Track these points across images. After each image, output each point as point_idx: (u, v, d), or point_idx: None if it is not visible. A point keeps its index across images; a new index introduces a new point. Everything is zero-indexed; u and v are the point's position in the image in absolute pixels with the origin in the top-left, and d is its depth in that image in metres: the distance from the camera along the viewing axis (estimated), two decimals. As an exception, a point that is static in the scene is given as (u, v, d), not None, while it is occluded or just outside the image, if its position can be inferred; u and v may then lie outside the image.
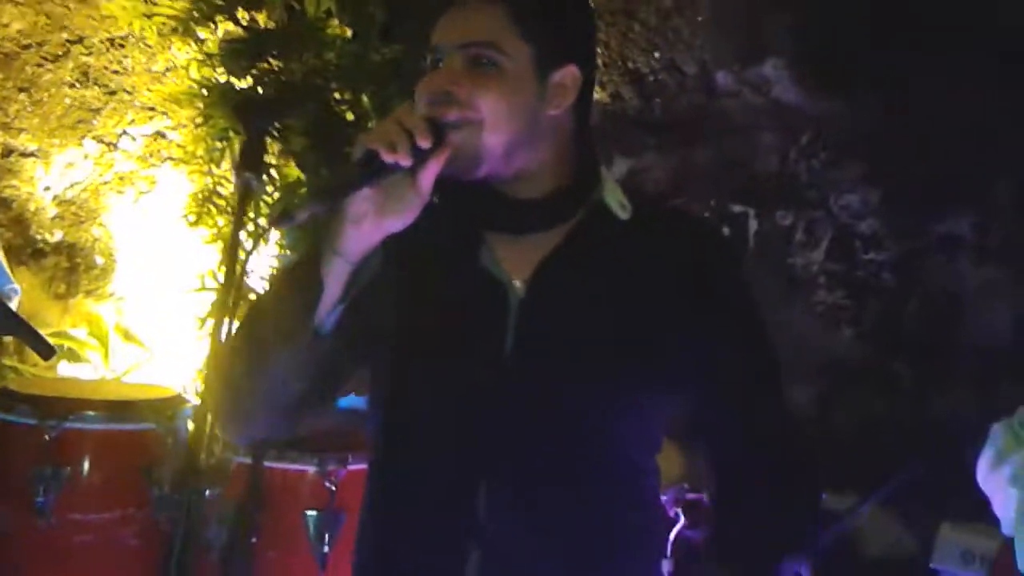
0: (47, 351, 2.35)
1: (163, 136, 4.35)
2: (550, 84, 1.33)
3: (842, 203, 3.82)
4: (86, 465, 2.30)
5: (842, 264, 3.83)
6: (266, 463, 2.12)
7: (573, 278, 1.35)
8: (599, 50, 4.11)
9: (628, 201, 1.40)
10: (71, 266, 4.49)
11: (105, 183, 4.46)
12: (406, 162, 1.21)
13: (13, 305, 3.07)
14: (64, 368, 4.23)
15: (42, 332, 4.29)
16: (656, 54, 4.04)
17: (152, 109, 4.36)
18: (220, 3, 3.36)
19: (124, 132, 4.43)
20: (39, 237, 4.48)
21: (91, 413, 2.33)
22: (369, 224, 1.23)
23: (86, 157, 4.44)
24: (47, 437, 2.26)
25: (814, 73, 3.81)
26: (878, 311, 3.79)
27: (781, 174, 3.88)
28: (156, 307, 4.33)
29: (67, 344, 4.30)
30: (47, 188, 4.47)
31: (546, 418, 1.32)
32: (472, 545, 1.31)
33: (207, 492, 2.27)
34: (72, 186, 4.46)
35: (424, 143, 1.22)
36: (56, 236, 4.47)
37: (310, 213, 1.19)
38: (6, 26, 4.42)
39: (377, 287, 1.30)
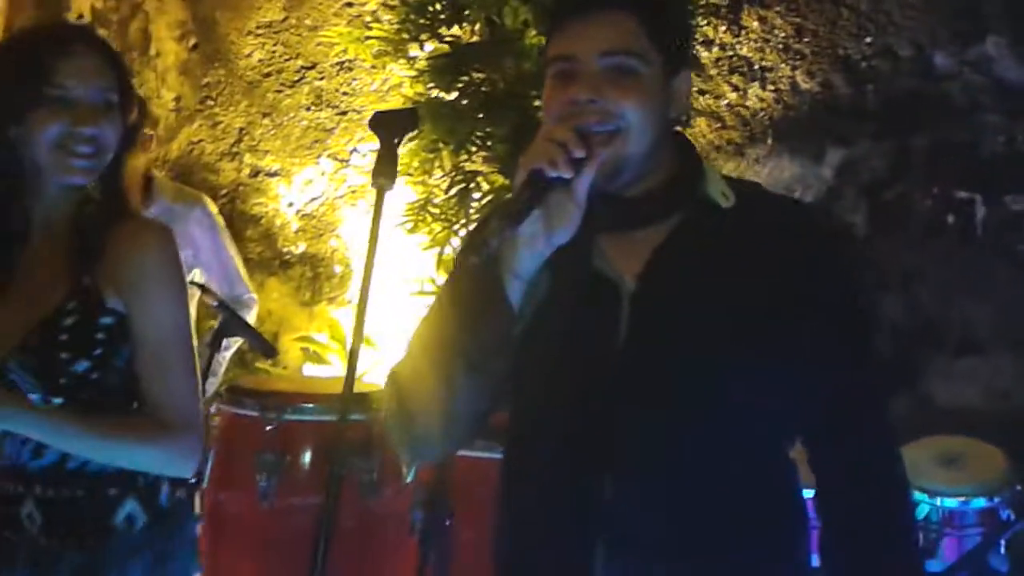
0: (269, 351, 2.60)
1: (390, 151, 4.62)
2: (674, 90, 1.39)
3: (1075, 184, 3.58)
4: (304, 454, 2.53)
5: (1079, 249, 3.59)
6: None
7: (682, 270, 1.38)
8: (805, 39, 4.05)
9: (731, 190, 1.42)
10: (314, 275, 4.86)
11: (339, 197, 4.80)
12: (568, 174, 1.26)
13: (252, 312, 3.38)
14: (308, 369, 4.59)
15: (289, 337, 4.70)
16: (868, 39, 3.91)
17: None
18: (425, 23, 3.56)
19: (355, 149, 4.76)
20: (285, 250, 4.88)
21: (308, 406, 2.55)
22: (542, 242, 1.30)
23: (322, 174, 4.80)
24: (268, 428, 2.49)
25: (1038, 47, 3.59)
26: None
27: (1008, 156, 3.67)
28: (387, 311, 4.61)
29: (312, 348, 4.66)
30: (290, 204, 4.87)
31: (662, 407, 1.35)
32: (599, 536, 1.35)
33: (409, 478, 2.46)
34: (311, 201, 4.84)
35: (579, 153, 1.27)
36: (299, 248, 4.86)
37: (500, 239, 1.26)
38: (248, 56, 4.86)
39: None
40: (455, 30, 3.66)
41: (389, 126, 1.45)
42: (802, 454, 1.45)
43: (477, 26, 3.58)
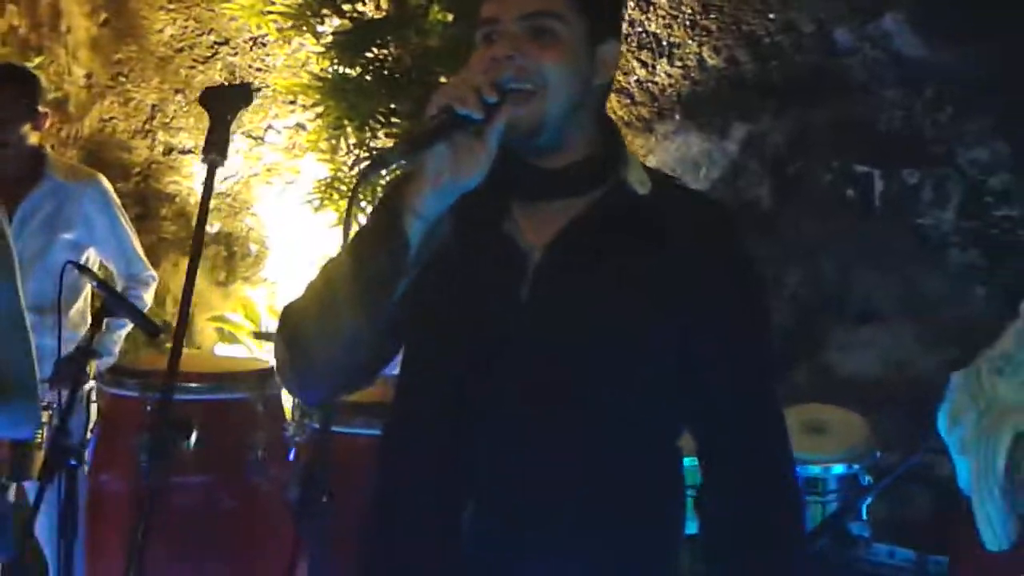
0: (153, 330, 2.58)
1: (303, 128, 4.59)
2: (598, 58, 1.40)
3: (971, 158, 3.63)
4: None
5: (974, 222, 3.65)
6: (333, 429, 2.25)
7: (590, 248, 1.39)
8: (713, 15, 4.07)
9: (650, 179, 1.44)
10: (229, 254, 4.82)
11: (255, 175, 4.76)
12: (478, 114, 1.26)
13: (151, 289, 3.34)
14: (220, 349, 4.56)
15: (203, 316, 4.66)
16: (771, 15, 3.94)
17: (293, 103, 4.62)
18: (329, -3, 3.54)
19: (270, 126, 4.71)
20: (199, 228, 4.83)
21: (192, 385, 2.54)
22: (446, 182, 1.29)
23: (237, 152, 4.75)
24: (147, 408, 2.48)
25: (935, 24, 3.63)
26: (1015, 269, 3.59)
27: (906, 131, 3.73)
28: (298, 289, 4.58)
29: (226, 327, 4.63)
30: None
31: (547, 380, 1.37)
32: (470, 497, 1.36)
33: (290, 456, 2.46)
34: (225, 179, 4.78)
35: (490, 96, 1.27)
36: (214, 227, 4.80)
37: (396, 163, 1.26)
38: (160, 32, 4.79)
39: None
40: (360, 6, 3.64)
41: (221, 101, 1.44)
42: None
43: (383, 2, 3.56)
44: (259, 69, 4.71)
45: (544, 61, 1.34)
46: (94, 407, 2.83)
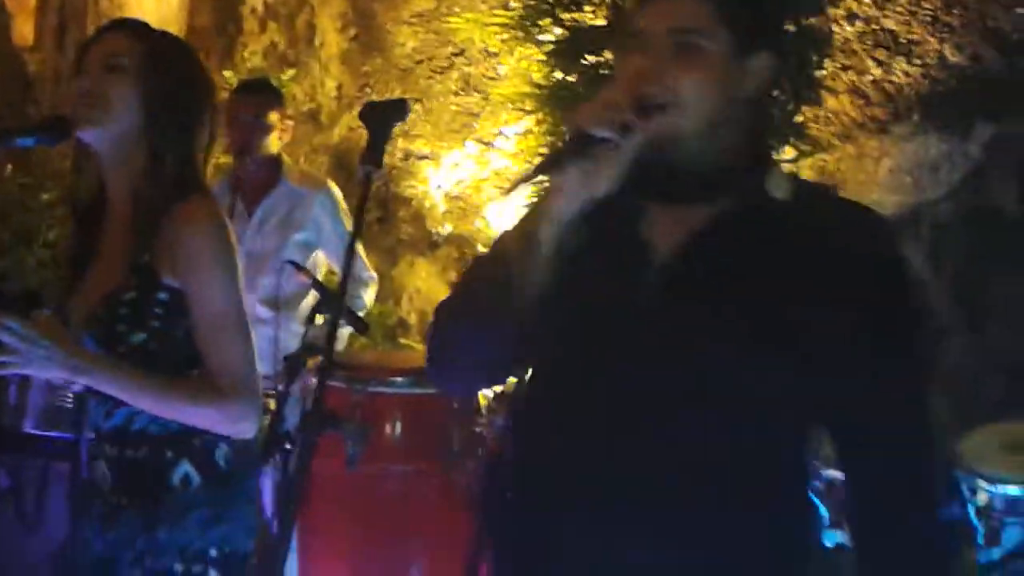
0: (362, 327, 2.75)
1: (531, 134, 4.71)
2: (746, 72, 1.41)
3: None
4: (389, 424, 2.67)
5: None
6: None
7: (722, 252, 1.39)
8: (954, 11, 3.85)
9: (793, 186, 1.42)
10: (460, 255, 5.03)
11: (484, 179, 4.94)
12: (613, 136, 1.30)
13: (371, 290, 3.55)
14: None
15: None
16: (1019, 10, 3.69)
17: (522, 109, 4.76)
18: (547, 7, 3.62)
19: (499, 132, 4.88)
20: (433, 230, 5.07)
21: (393, 379, 2.70)
22: (578, 194, 1.33)
23: (468, 157, 4.95)
24: (354, 399, 2.65)
25: None
26: None
27: None
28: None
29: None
30: (438, 186, 5.05)
31: (676, 384, 1.37)
32: (586, 499, 1.38)
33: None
34: (458, 183, 5.00)
35: (628, 117, 1.31)
36: (446, 229, 5.03)
37: (536, 178, 1.33)
38: (403, 44, 5.05)
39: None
40: (578, 14, 3.71)
41: (378, 116, 1.53)
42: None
43: (598, 9, 3.61)
44: (491, 78, 4.89)
45: (686, 78, 1.35)
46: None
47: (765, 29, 1.45)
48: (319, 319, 2.98)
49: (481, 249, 4.98)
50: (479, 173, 4.95)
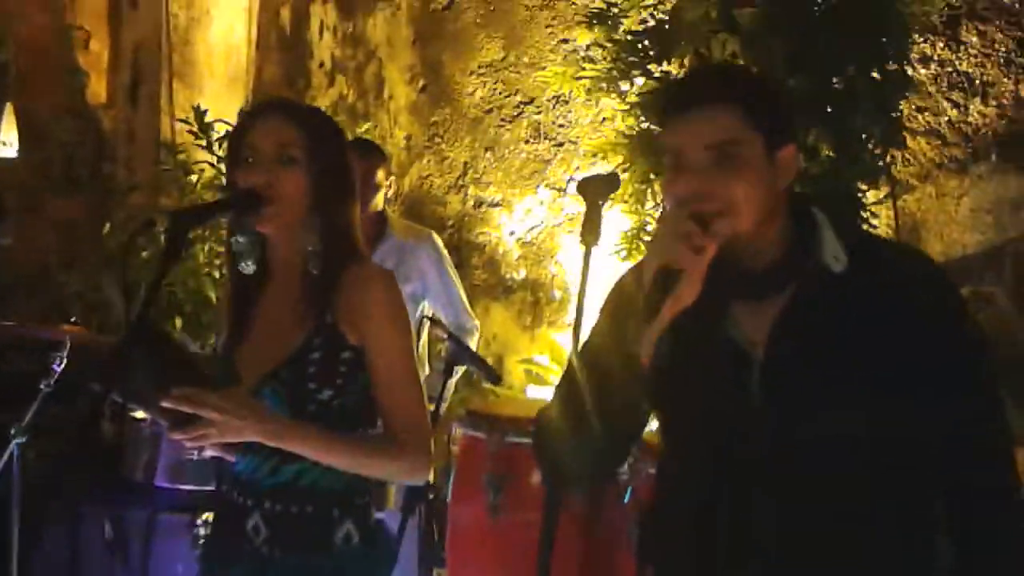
0: (494, 377, 2.84)
1: (604, 179, 4.81)
2: (778, 164, 1.52)
3: None
4: (526, 473, 2.74)
5: None
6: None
7: (803, 337, 1.50)
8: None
9: (844, 251, 1.53)
10: (534, 300, 5.11)
11: (558, 225, 5.03)
12: (696, 262, 1.44)
13: (475, 339, 3.64)
14: (531, 390, 4.83)
15: (513, 359, 4.95)
16: (1094, 48, 3.79)
17: (594, 156, 4.86)
18: (635, 59, 3.73)
19: (571, 178, 4.97)
20: (507, 276, 5.16)
21: (531, 429, 2.76)
22: (665, 315, 1.46)
23: (541, 203, 5.05)
24: (493, 449, 2.72)
25: None
26: None
27: None
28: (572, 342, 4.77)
29: (534, 370, 4.90)
30: (511, 232, 5.14)
31: (799, 473, 1.49)
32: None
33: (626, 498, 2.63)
34: (531, 229, 5.09)
35: (701, 241, 1.44)
36: (520, 274, 5.12)
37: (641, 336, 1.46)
38: (471, 94, 5.17)
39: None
40: (665, 65, 3.81)
41: (594, 189, 1.61)
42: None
43: (686, 59, 3.71)
44: (561, 125, 4.99)
45: (733, 187, 1.47)
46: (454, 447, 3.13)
47: (788, 124, 1.56)
48: (459, 370, 3.07)
49: (556, 293, 5.07)
50: (552, 219, 5.04)
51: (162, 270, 1.80)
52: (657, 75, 3.82)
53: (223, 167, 4.79)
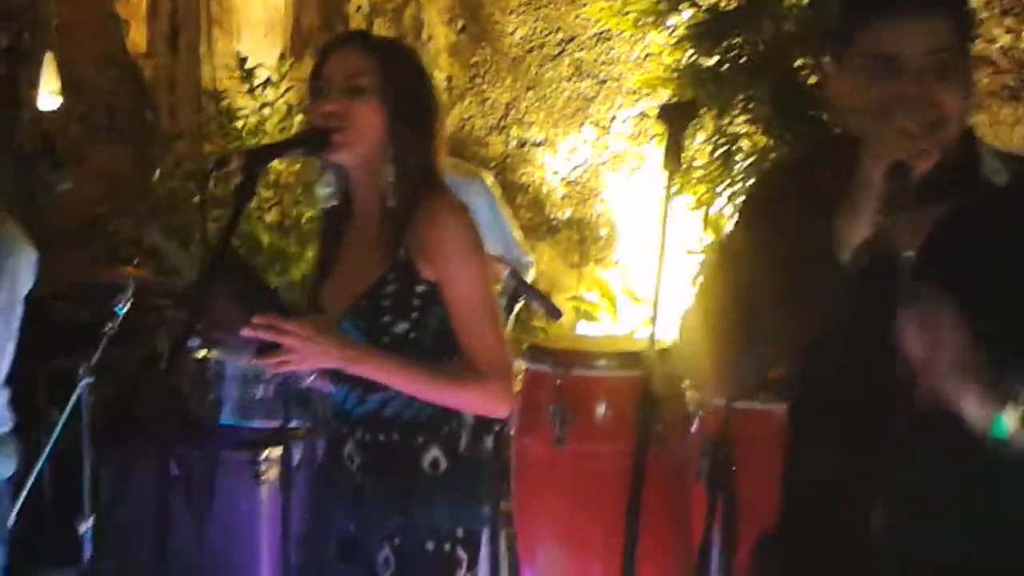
0: (556, 313, 2.86)
1: (648, 116, 4.78)
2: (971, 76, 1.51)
3: None
4: (591, 405, 2.78)
5: None
6: (737, 404, 2.43)
7: (960, 244, 1.47)
8: None
9: (1004, 167, 1.51)
10: (580, 239, 5.12)
11: (603, 163, 5.02)
12: (920, 165, 1.40)
13: (529, 275, 3.65)
14: (581, 327, 4.86)
15: (562, 296, 4.98)
16: None
17: (637, 92, 4.83)
18: (684, -8, 3.70)
19: (615, 116, 4.95)
20: (552, 215, 5.16)
21: (600, 363, 2.80)
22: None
23: (584, 142, 5.03)
24: (558, 382, 2.75)
25: None
26: None
27: None
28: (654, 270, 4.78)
29: (582, 307, 4.93)
30: (555, 172, 5.13)
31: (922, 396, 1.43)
32: (875, 494, 1.48)
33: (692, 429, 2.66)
34: (575, 168, 5.08)
35: (926, 145, 1.41)
36: (566, 213, 5.12)
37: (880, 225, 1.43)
38: (511, 34, 5.14)
39: None
40: (715, -1, 3.77)
41: (675, 116, 1.60)
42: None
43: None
44: (604, 63, 4.95)
45: (949, 97, 1.45)
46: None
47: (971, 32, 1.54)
48: (519, 306, 3.09)
49: (602, 232, 5.06)
50: (596, 157, 5.03)
51: (238, 206, 1.83)
52: (705, 7, 3.79)
53: (266, 113, 4.88)
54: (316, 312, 2.04)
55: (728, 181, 3.78)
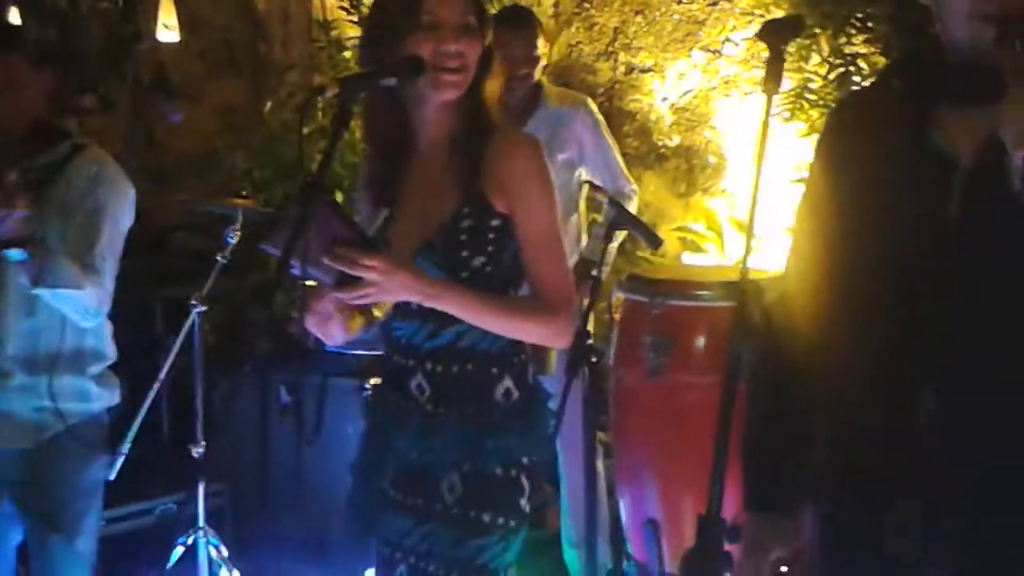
0: (656, 242, 2.81)
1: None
2: None
3: None
4: (688, 335, 2.75)
5: None
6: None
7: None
8: None
9: None
10: (688, 167, 5.02)
11: (712, 89, 4.88)
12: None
13: (633, 203, 3.61)
14: (686, 257, 4.79)
15: (667, 227, 4.91)
16: None
17: (750, 14, 4.67)
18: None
19: (727, 39, 4.80)
20: (660, 143, 5.06)
21: (697, 292, 2.76)
22: None
23: (694, 67, 4.90)
24: (655, 312, 2.72)
25: None
26: None
27: None
28: (765, 199, 4.67)
29: (688, 237, 4.85)
30: (664, 99, 5.03)
31: (995, 294, 1.36)
32: (924, 380, 1.39)
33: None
34: (684, 94, 4.96)
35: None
36: (674, 141, 5.02)
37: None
38: (619, -44, 5.02)
39: None
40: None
41: (778, 33, 1.52)
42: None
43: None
44: (714, -17, 4.80)
45: None
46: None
47: None
48: (619, 235, 3.06)
49: (711, 159, 4.95)
50: (706, 82, 4.90)
51: (335, 136, 1.84)
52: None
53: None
54: (384, 245, 2.04)
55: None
